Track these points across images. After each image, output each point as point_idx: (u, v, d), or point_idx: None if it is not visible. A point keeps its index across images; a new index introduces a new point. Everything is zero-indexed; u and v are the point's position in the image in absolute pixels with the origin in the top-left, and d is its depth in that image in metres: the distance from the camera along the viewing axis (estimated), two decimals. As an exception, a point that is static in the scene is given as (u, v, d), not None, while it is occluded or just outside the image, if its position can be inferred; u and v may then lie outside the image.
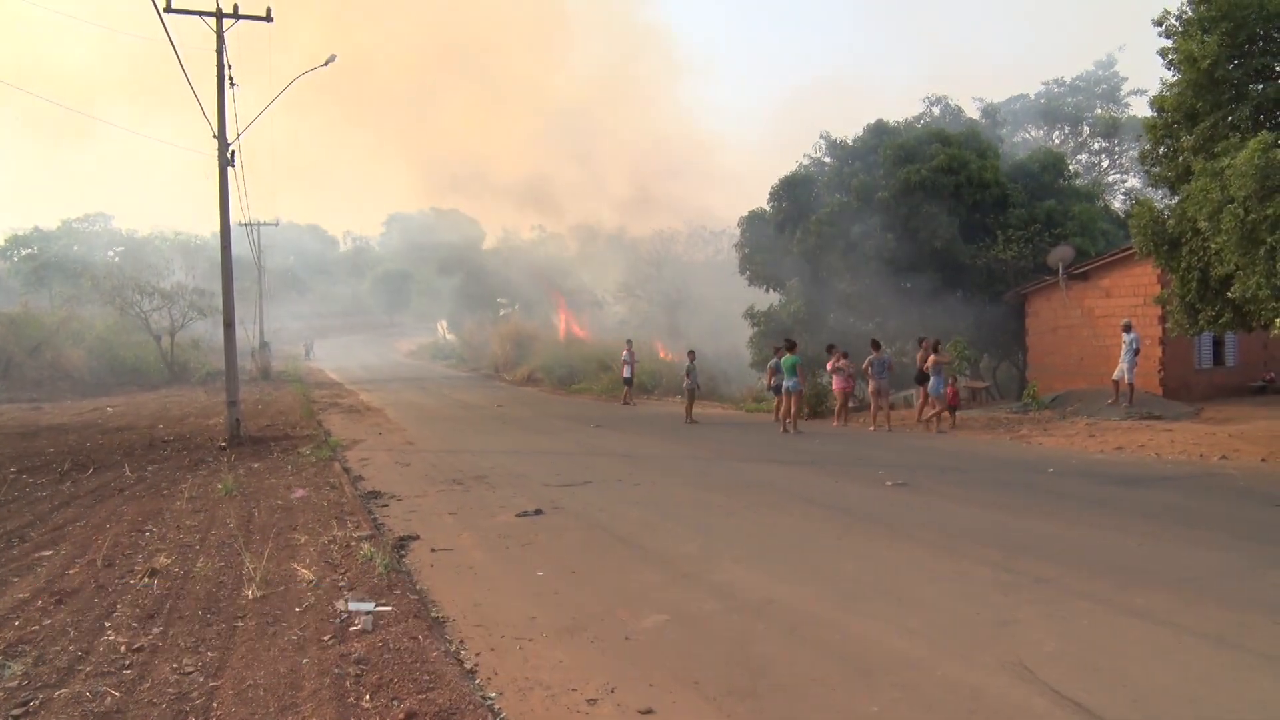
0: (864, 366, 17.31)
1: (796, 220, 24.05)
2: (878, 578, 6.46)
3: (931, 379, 15.93)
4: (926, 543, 7.47)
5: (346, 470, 12.74)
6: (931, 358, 16.03)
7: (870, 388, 16.95)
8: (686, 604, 5.99)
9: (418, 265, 66.80)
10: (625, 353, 24.88)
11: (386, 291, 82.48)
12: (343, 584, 6.58)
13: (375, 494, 10.82)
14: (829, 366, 17.95)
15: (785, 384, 16.92)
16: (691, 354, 20.68)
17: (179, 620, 5.89)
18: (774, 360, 20.18)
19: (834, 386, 18.04)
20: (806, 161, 26.93)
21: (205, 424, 19.73)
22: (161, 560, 7.39)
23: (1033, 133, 42.93)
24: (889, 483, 10.48)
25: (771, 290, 25.88)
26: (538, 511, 9.30)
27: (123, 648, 5.38)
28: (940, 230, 20.83)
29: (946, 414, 16.45)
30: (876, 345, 17.05)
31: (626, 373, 24.71)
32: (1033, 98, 44.79)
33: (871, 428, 16.63)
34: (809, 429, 17.27)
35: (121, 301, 36.63)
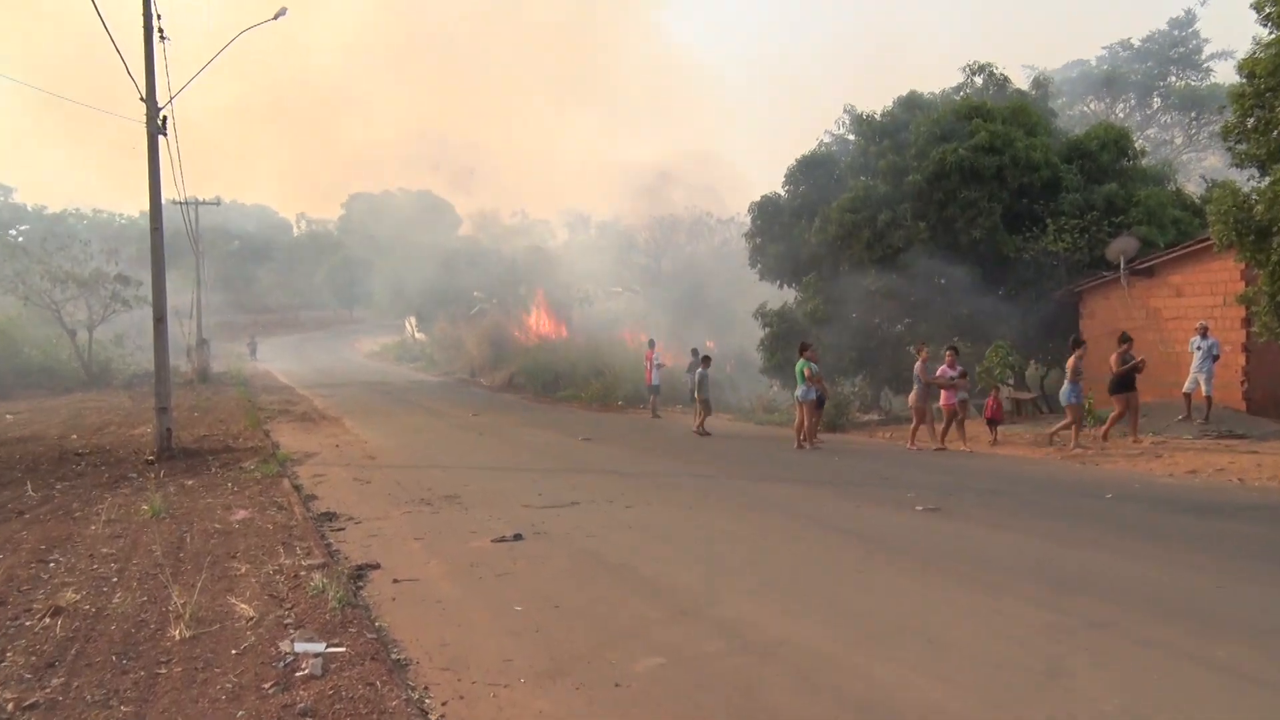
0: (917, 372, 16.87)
1: (815, 206, 24.01)
2: (905, 616, 6.43)
3: (1066, 385, 15.34)
4: (962, 576, 7.45)
5: (297, 488, 12.69)
6: (1070, 360, 15.39)
7: (911, 398, 16.79)
8: (685, 644, 5.96)
9: (382, 253, 66.72)
10: (649, 356, 24.72)
11: (346, 282, 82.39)
12: (289, 621, 6.53)
13: (330, 516, 10.79)
14: (940, 372, 16.47)
15: (796, 393, 16.99)
16: (706, 359, 20.75)
17: (86, 669, 5.74)
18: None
19: (941, 401, 16.60)
20: (828, 139, 27.00)
21: (129, 434, 19.65)
22: (68, 596, 7.25)
23: (1092, 105, 42.76)
24: (919, 507, 10.46)
25: (786, 286, 25.86)
26: (517, 536, 9.28)
27: (11, 705, 5.20)
28: (981, 219, 20.83)
29: (988, 429, 16.43)
30: (931, 348, 16.71)
31: (654, 379, 24.60)
32: (1093, 64, 44.59)
33: (910, 445, 16.59)
34: (831, 445, 17.27)
35: (26, 290, 35.69)
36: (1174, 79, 42.63)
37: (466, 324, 50.16)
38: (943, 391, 16.42)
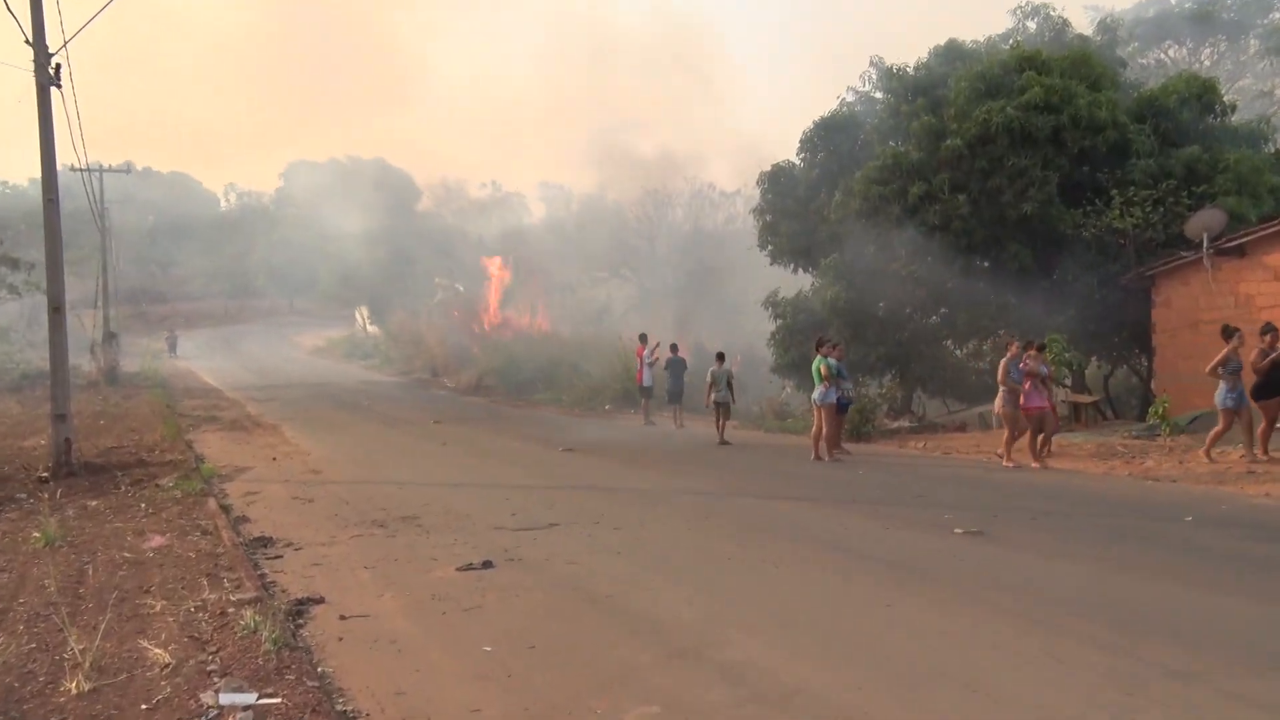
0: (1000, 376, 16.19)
1: (836, 177, 24.00)
2: (943, 659, 6.42)
3: (1221, 386, 14.49)
4: (1010, 612, 7.44)
5: (225, 509, 12.66)
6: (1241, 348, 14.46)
7: (997, 403, 16.20)
8: (684, 691, 5.94)
9: (327, 232, 66.55)
10: (641, 352, 24.89)
11: (284, 266, 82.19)
12: (213, 668, 6.48)
13: (265, 541, 10.77)
14: (1023, 366, 15.84)
15: (813, 395, 17.07)
16: (720, 356, 20.95)
17: (-47, 735, 5.68)
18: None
19: (1024, 403, 15.82)
20: (851, 98, 26.92)
21: (18, 446, 19.53)
22: (-66, 645, 7.14)
23: (1171, 52, 42.13)
24: (958, 530, 10.47)
25: (801, 270, 25.87)
26: (486, 564, 9.28)
27: None
28: (1032, 190, 20.80)
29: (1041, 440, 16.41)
30: (1038, 348, 16.20)
31: (646, 379, 24.70)
32: (1173, 1, 44.05)
33: (1007, 461, 15.90)
34: (855, 456, 17.30)
35: None
36: (1278, 14, 41.63)
37: (427, 316, 50.17)
38: (1026, 394, 15.69)
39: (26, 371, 36.79)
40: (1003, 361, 16.06)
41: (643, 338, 25.21)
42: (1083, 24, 29.28)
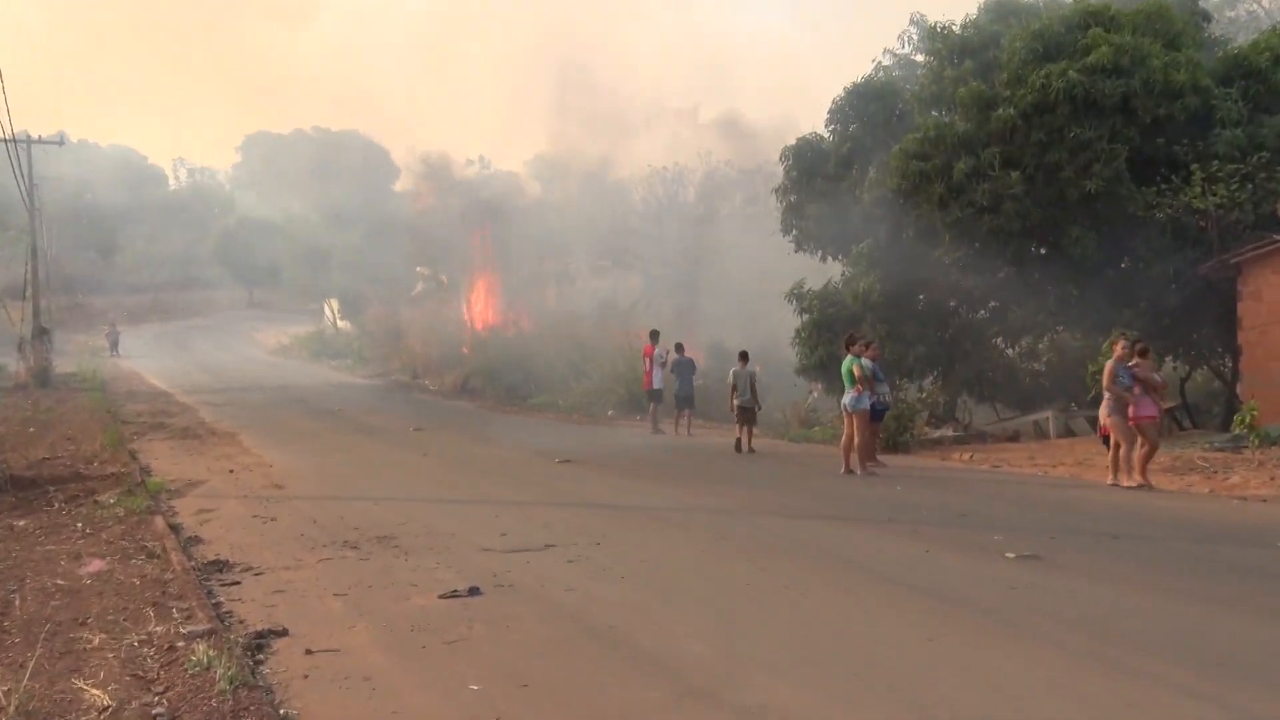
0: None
1: (870, 152, 23.94)
2: (995, 704, 6.39)
3: None
4: (1072, 650, 7.41)
5: (175, 528, 12.64)
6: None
7: (1102, 412, 15.68)
8: (699, 739, 5.91)
9: (292, 214, 66.57)
10: (649, 351, 24.88)
11: (242, 253, 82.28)
12: (159, 710, 6.45)
13: (220, 565, 10.75)
14: (1129, 365, 15.33)
15: (843, 400, 17.03)
16: (744, 356, 21.03)
17: None
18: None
19: (1131, 412, 15.20)
20: (888, 61, 26.89)
21: (-69, 459, 19.51)
22: None
23: (1267, 2, 41.74)
24: (1010, 554, 10.43)
25: (830, 258, 25.79)
26: (473, 591, 9.27)
27: None
28: (1097, 165, 20.71)
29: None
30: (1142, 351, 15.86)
31: (655, 382, 24.67)
32: (1270, -59, 43.61)
33: (1128, 481, 15.16)
34: (892, 469, 17.27)
35: None
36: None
37: (408, 310, 50.21)
38: (1130, 402, 15.13)
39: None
40: (1108, 364, 15.48)
41: (654, 335, 25.02)
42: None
